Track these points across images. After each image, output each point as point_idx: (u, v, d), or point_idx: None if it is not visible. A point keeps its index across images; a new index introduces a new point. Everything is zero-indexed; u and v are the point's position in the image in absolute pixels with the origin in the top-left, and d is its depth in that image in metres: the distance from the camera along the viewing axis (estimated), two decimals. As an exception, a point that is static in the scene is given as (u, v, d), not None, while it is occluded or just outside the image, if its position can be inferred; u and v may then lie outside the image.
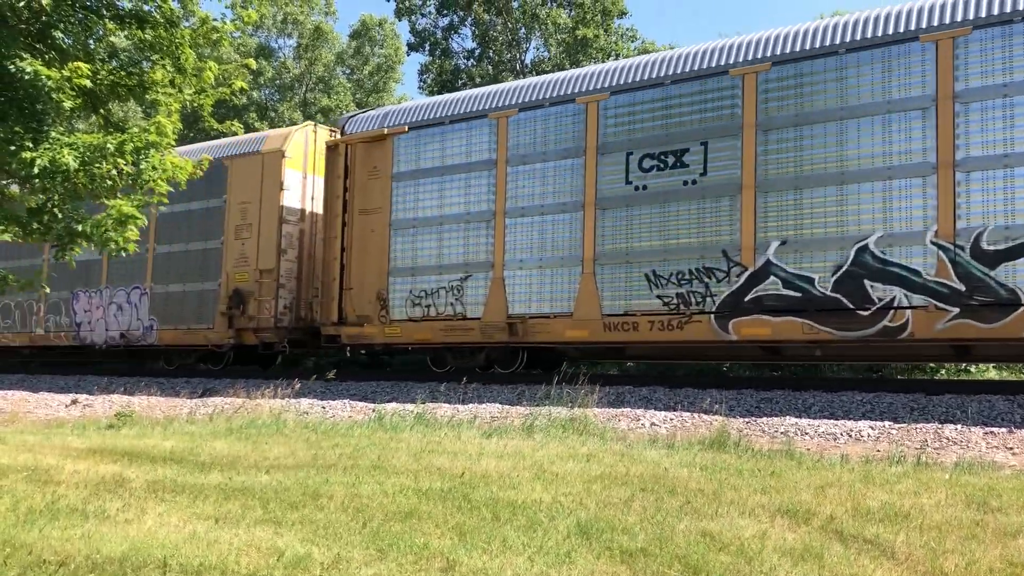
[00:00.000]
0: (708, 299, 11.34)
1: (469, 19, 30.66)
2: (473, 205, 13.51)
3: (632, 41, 29.62)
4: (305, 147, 16.47)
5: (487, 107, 13.56)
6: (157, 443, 8.46)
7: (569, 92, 12.89)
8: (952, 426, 8.60)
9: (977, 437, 8.25)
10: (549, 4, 29.60)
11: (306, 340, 16.08)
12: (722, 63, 11.67)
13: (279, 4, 36.88)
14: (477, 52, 31.15)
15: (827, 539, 4.69)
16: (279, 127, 26.65)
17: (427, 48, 31.37)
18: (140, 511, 5.43)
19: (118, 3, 8.52)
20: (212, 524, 5.10)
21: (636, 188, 12.06)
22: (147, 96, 8.72)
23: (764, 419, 9.53)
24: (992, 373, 15.72)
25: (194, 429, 10.03)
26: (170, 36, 8.42)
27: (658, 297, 11.72)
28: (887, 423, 8.97)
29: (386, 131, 14.46)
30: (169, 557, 4.31)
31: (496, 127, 13.41)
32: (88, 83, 7.63)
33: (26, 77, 7.37)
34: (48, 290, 17.76)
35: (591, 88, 12.68)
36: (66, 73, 7.46)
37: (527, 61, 30.68)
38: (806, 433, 8.92)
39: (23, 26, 8.04)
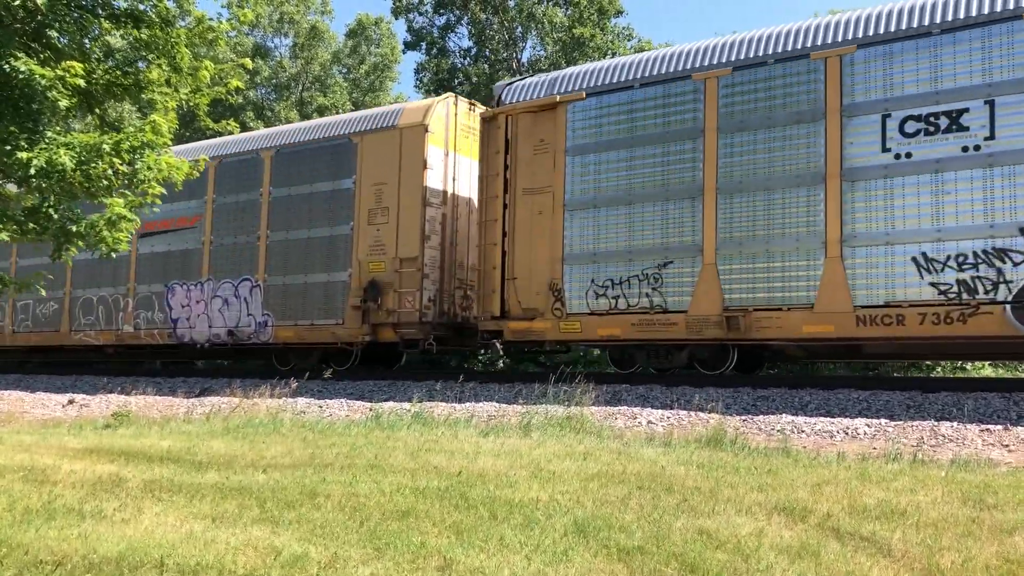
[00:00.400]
0: (1001, 286, 9.74)
1: (466, 18, 30.65)
2: (673, 180, 11.80)
3: (628, 40, 29.64)
4: (446, 121, 14.87)
5: (690, 67, 11.86)
6: (154, 443, 8.45)
7: (801, 47, 11.18)
8: (948, 423, 8.62)
9: (973, 434, 8.27)
10: (545, 3, 29.60)
11: (448, 336, 14.67)
12: (1010, 7, 9.96)
13: (275, 3, 36.85)
14: (473, 51, 31.14)
15: (824, 536, 4.69)
16: (273, 126, 26.55)
17: (423, 47, 31.35)
18: (137, 511, 5.42)
19: (114, 2, 8.54)
20: (209, 523, 5.09)
21: (897, 156, 10.38)
22: (143, 95, 8.73)
23: (761, 417, 9.55)
24: (988, 371, 15.78)
25: (191, 428, 10.02)
26: (166, 35, 8.43)
27: (932, 285, 10.09)
28: (883, 421, 8.99)
29: (558, 98, 12.80)
30: (166, 557, 4.31)
31: (703, 90, 11.72)
32: (82, 82, 7.62)
33: (21, 76, 7.36)
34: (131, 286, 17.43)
35: (833, 41, 10.97)
36: (60, 72, 7.45)
37: (524, 60, 30.68)
38: (802, 431, 8.93)
39: (18, 25, 8.03)
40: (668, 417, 9.87)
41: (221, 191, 16.80)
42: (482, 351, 17.36)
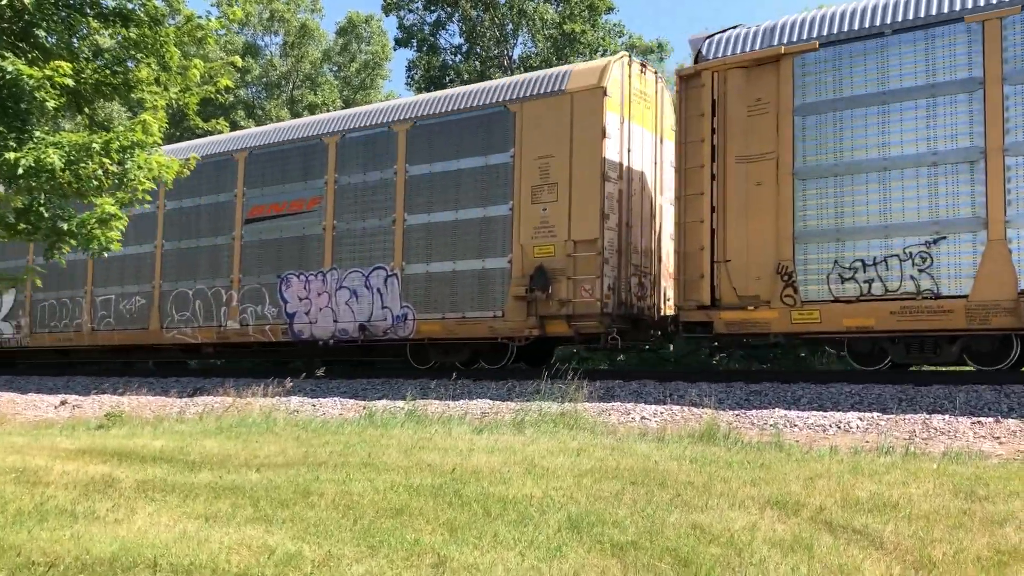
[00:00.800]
0: None
1: (456, 15, 30.61)
2: (943, 141, 10.15)
3: (619, 36, 29.65)
4: (621, 84, 13.05)
5: (962, 7, 10.22)
6: (147, 443, 8.43)
7: None
8: (940, 416, 8.66)
9: (965, 427, 8.31)
10: (536, -1, 29.60)
11: (624, 330, 13.02)
12: None
13: (265, 1, 36.74)
14: (465, 48, 31.11)
15: (816, 530, 4.71)
16: (265, 124, 26.23)
17: (414, 44, 31.30)
18: (130, 511, 5.41)
19: (102, 1, 8.48)
20: (202, 523, 5.09)
21: None
22: (132, 95, 8.69)
23: (753, 412, 9.57)
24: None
25: (184, 428, 10.00)
26: (155, 34, 8.39)
27: None
28: (876, 414, 9.02)
29: (783, 50, 11.06)
30: (159, 557, 4.30)
31: (980, 32, 10.01)
32: (71, 82, 7.58)
33: (8, 76, 7.32)
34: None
35: None
36: (48, 72, 7.41)
37: (515, 56, 30.67)
38: (795, 425, 8.96)
39: (5, 25, 7.99)
40: (661, 412, 9.90)
41: (344, 170, 14.88)
42: (669, 346, 15.74)
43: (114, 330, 17.53)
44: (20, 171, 7.29)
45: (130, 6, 8.42)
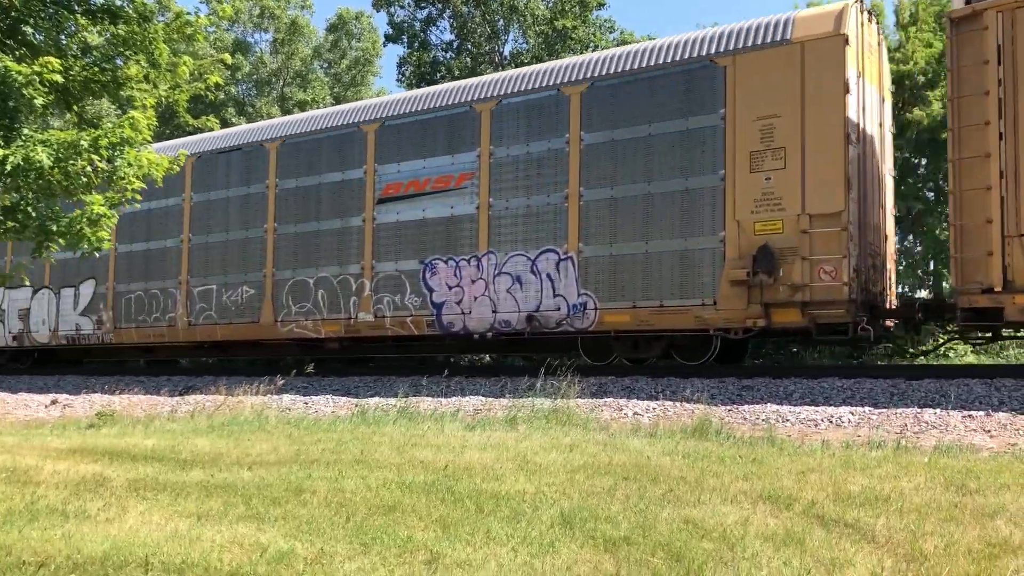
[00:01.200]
0: None
1: (447, 11, 30.56)
2: None
3: (610, 32, 29.65)
4: (857, 34, 11.43)
5: None
6: (138, 442, 8.40)
7: None
8: (931, 410, 8.70)
9: (956, 420, 8.34)
10: (526, -5, 29.56)
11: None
12: None
13: (255, -2, 36.62)
14: (456, 44, 31.06)
15: (809, 524, 4.72)
16: (257, 121, 26.04)
17: (405, 40, 31.24)
18: (121, 510, 5.39)
19: (90, -2, 8.44)
20: (194, 521, 5.07)
21: None
22: (121, 92, 8.64)
23: (746, 407, 9.60)
24: (971, 358, 15.92)
25: (175, 427, 9.97)
26: (144, 31, 8.34)
27: None
28: (867, 409, 9.05)
29: None
30: (151, 555, 4.28)
31: None
32: (60, 79, 7.54)
33: (-4, 74, 7.28)
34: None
35: None
36: (36, 69, 7.37)
37: (506, 53, 30.64)
38: (787, 420, 8.99)
39: (-8, 22, 7.94)
40: (654, 408, 9.91)
41: (502, 141, 13.19)
42: (916, 337, 14.01)
43: (216, 324, 15.78)
44: (8, 169, 7.25)
45: (118, 3, 8.38)
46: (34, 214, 7.96)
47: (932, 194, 19.79)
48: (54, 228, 7.93)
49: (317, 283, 14.63)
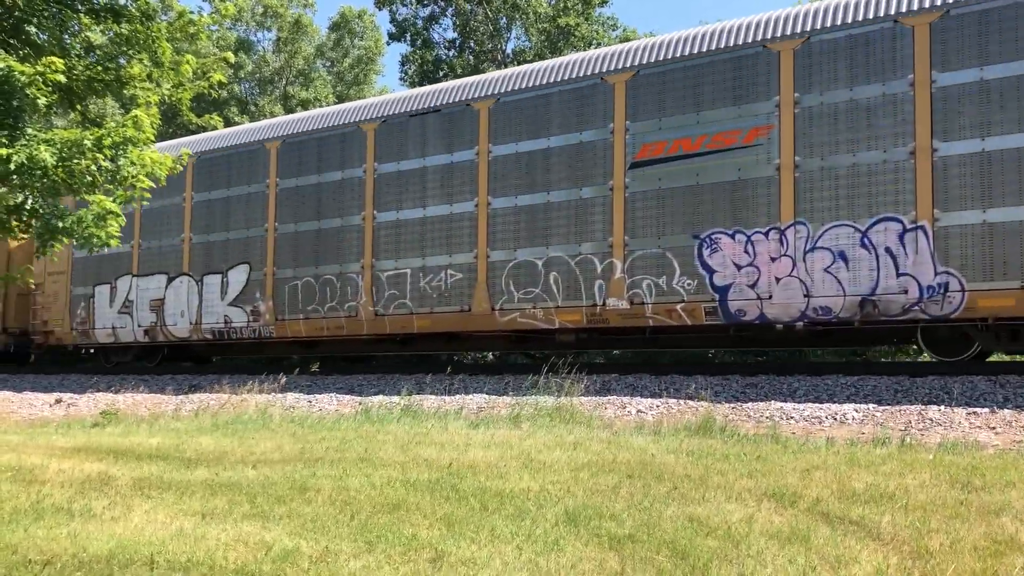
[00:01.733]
0: None
1: (450, 9, 30.56)
2: None
3: (613, 29, 29.61)
4: None
5: None
6: (143, 440, 8.41)
7: None
8: (936, 407, 8.68)
9: (960, 418, 8.33)
10: (529, -7, 29.53)
11: None
12: None
13: (258, -3, 36.66)
14: (458, 42, 31.05)
15: (813, 521, 4.72)
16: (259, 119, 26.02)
17: (408, 39, 31.24)
18: (126, 509, 5.40)
19: (93, -3, 8.46)
20: (199, 520, 5.08)
21: None
22: (124, 91, 8.66)
23: (750, 404, 9.59)
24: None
25: (180, 426, 9.98)
26: (147, 30, 8.36)
27: None
28: (872, 406, 9.04)
29: None
30: (156, 554, 4.29)
31: None
32: (63, 78, 7.56)
33: (-1, 73, 7.30)
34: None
35: None
36: (40, 68, 7.39)
37: (508, 51, 30.63)
38: (791, 417, 8.98)
39: (-5, 21, 7.97)
40: (658, 406, 9.90)
41: (813, 87, 10.82)
42: None
43: (413, 314, 13.45)
44: (12, 167, 7.27)
45: (122, 2, 8.40)
46: (40, 212, 7.99)
47: None
48: (60, 226, 7.95)
49: (547, 264, 12.41)
